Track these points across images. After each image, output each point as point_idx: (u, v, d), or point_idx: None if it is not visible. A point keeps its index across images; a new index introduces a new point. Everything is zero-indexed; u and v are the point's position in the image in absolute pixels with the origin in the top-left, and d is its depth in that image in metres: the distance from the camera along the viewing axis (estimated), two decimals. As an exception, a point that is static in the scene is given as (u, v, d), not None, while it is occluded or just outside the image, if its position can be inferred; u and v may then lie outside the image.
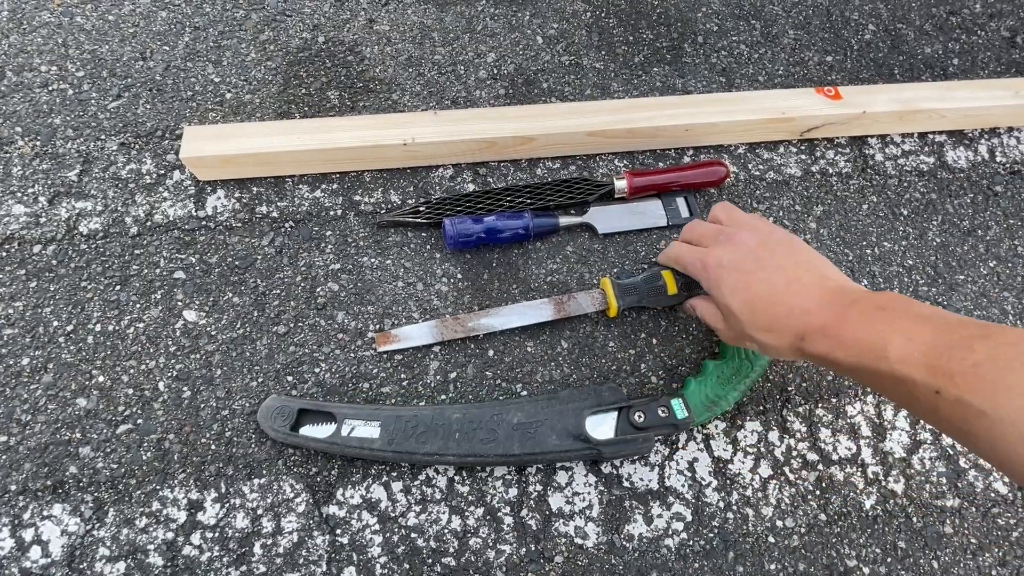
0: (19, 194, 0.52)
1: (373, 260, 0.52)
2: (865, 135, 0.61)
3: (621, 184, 0.52)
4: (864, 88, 0.59)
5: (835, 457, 0.48)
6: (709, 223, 0.45)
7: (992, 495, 0.48)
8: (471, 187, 0.55)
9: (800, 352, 0.37)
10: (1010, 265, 0.57)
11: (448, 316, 0.50)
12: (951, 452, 0.49)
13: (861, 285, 0.46)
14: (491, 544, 0.44)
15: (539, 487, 0.46)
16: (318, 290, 0.50)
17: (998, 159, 0.62)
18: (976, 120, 0.61)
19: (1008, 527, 0.47)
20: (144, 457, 0.44)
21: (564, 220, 0.52)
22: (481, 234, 0.50)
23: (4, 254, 0.50)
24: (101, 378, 0.47)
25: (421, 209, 0.51)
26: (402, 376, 0.48)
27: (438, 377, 0.48)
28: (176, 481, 0.44)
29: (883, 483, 0.48)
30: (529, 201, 0.52)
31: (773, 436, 0.49)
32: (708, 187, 0.55)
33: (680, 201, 0.54)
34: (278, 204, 0.53)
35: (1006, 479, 0.48)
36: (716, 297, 0.41)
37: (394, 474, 0.45)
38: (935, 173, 0.60)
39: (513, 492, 0.45)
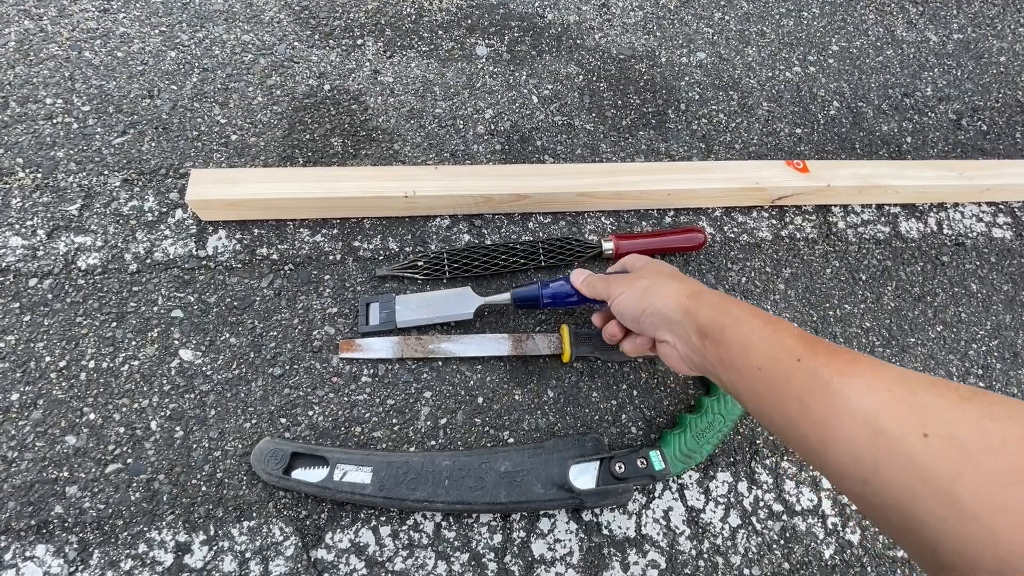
0: (17, 226, 0.52)
1: (370, 305, 0.54)
2: (829, 204, 0.67)
3: (608, 246, 0.56)
4: (829, 163, 0.65)
5: (798, 508, 0.52)
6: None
7: (938, 546, 0.52)
8: (467, 237, 0.58)
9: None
10: (955, 330, 0.62)
11: (412, 336, 0.52)
12: (902, 505, 0.53)
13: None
14: (475, 590, 0.45)
15: (523, 533, 0.48)
16: (315, 333, 0.52)
17: (945, 231, 0.68)
18: (925, 195, 0.68)
19: (951, 577, 0.51)
20: (132, 498, 0.45)
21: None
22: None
23: (-2, 286, 0.50)
24: (92, 416, 0.47)
25: (420, 264, 0.54)
26: (394, 421, 0.50)
27: (428, 423, 0.50)
28: (164, 523, 0.44)
29: (841, 534, 0.51)
30: (523, 260, 0.55)
31: (742, 487, 0.52)
32: (688, 251, 0.59)
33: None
34: (278, 247, 0.55)
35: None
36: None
37: (383, 519, 0.46)
38: (890, 242, 0.66)
39: (498, 538, 0.47)
